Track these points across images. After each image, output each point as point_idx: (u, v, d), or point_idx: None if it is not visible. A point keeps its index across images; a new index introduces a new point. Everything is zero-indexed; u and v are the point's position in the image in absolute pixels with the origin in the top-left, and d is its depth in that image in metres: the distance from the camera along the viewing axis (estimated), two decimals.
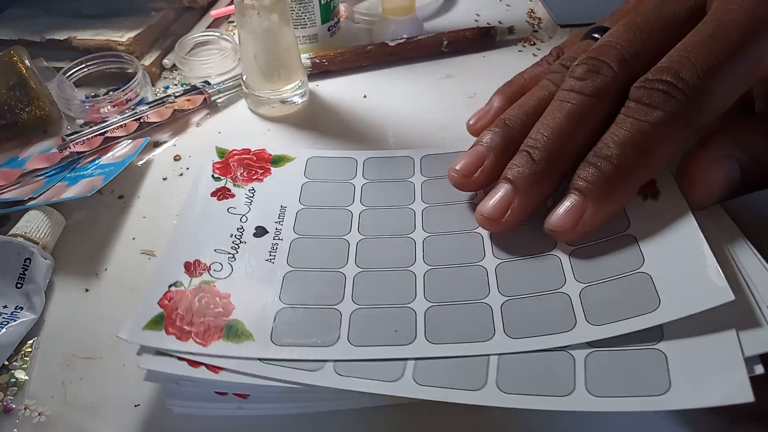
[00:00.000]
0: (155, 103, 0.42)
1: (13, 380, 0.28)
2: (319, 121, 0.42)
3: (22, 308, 0.30)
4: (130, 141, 0.41)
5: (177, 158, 0.40)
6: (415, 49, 0.47)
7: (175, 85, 0.48)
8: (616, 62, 0.27)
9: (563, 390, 0.22)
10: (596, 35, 0.31)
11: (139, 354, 0.25)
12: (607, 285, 0.25)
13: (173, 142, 0.42)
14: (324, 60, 0.46)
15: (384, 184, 0.34)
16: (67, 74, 0.45)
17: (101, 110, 0.42)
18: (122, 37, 0.47)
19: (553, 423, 0.25)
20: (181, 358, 0.25)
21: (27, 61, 0.42)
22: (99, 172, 0.37)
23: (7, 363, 0.29)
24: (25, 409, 0.27)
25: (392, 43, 0.47)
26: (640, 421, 0.25)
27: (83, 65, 0.45)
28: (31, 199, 0.36)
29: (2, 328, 0.29)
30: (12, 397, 0.27)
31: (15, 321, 0.30)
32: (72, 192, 0.35)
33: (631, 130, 0.25)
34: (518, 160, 0.28)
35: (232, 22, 0.55)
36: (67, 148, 0.39)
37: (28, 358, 0.29)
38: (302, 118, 0.43)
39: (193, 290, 0.28)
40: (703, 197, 0.26)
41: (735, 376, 0.20)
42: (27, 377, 0.28)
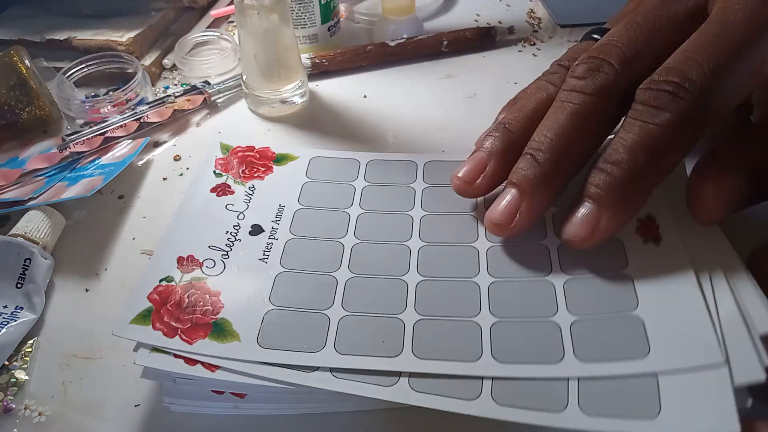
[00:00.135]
0: (155, 103, 0.42)
1: (13, 380, 0.28)
2: (319, 121, 0.42)
3: (22, 308, 0.30)
4: (130, 141, 0.41)
5: (177, 158, 0.40)
6: (415, 49, 0.47)
7: (175, 85, 0.48)
8: (617, 60, 0.27)
9: (557, 406, 0.22)
10: (596, 36, 0.31)
11: (135, 350, 0.25)
12: (599, 322, 0.25)
13: (173, 142, 0.42)
14: (324, 60, 0.46)
15: (384, 188, 0.33)
16: (67, 74, 0.45)
17: (101, 110, 0.42)
18: (122, 37, 0.47)
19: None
20: (177, 356, 0.24)
21: (27, 61, 0.42)
22: (99, 172, 0.37)
23: (7, 363, 0.29)
24: (25, 409, 0.27)
25: (392, 43, 0.47)
26: None
27: (83, 65, 0.45)
28: (31, 199, 0.36)
29: (2, 328, 0.29)
30: (12, 397, 0.27)
31: (15, 321, 0.30)
32: (72, 192, 0.35)
33: (640, 133, 0.25)
34: (523, 163, 0.27)
35: (232, 22, 0.55)
36: (67, 148, 0.40)
37: (28, 358, 0.29)
38: (302, 118, 0.43)
39: (184, 286, 0.27)
40: (714, 211, 0.26)
41: (724, 407, 0.20)
42: (27, 377, 0.28)
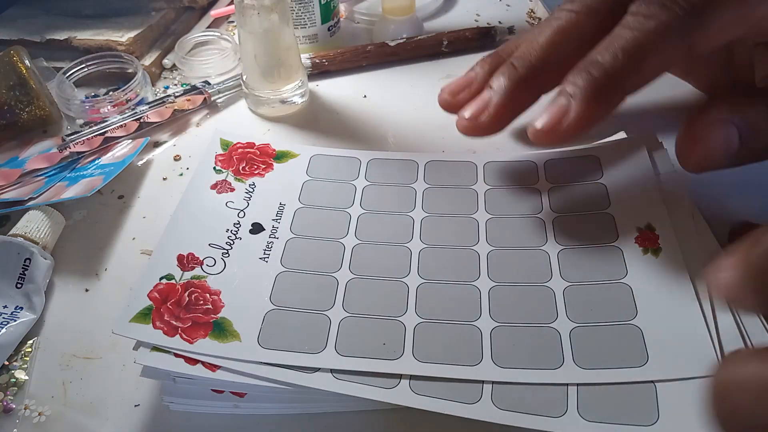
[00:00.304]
0: (155, 103, 0.42)
1: (13, 380, 0.28)
2: (319, 121, 0.42)
3: (22, 308, 0.30)
4: (130, 141, 0.41)
5: (177, 158, 0.40)
6: (415, 49, 0.47)
7: (175, 85, 0.48)
8: None
9: (556, 411, 0.23)
10: None
11: (135, 349, 0.25)
12: (598, 330, 0.25)
13: (173, 142, 0.42)
14: (324, 60, 0.46)
15: (385, 188, 0.33)
16: (67, 74, 0.45)
17: (101, 110, 0.42)
18: (122, 37, 0.47)
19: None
20: (177, 355, 0.24)
21: (27, 61, 0.42)
22: (99, 172, 0.37)
23: (7, 363, 0.29)
24: (25, 409, 0.27)
25: (392, 43, 0.47)
26: None
27: (83, 65, 0.45)
28: (31, 199, 0.36)
29: (2, 328, 0.29)
30: (12, 397, 0.27)
31: (15, 321, 0.30)
32: (72, 192, 0.35)
33: (623, 37, 0.25)
34: (501, 69, 0.29)
35: (232, 22, 0.55)
36: (67, 148, 0.39)
37: (28, 358, 0.29)
38: (302, 118, 0.43)
39: (184, 284, 0.27)
40: (702, 158, 0.26)
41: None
42: (27, 377, 0.28)
